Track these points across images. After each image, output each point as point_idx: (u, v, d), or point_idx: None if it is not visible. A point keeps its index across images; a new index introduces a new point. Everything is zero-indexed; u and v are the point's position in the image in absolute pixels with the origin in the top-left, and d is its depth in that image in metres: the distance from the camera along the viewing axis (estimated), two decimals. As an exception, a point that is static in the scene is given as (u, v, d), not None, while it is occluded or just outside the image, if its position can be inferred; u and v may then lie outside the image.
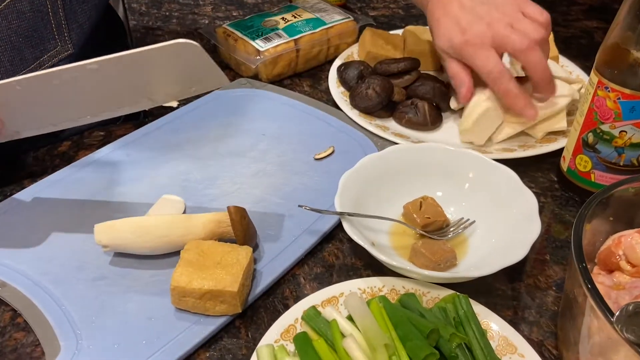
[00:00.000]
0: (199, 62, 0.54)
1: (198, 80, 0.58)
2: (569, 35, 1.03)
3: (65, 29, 0.69)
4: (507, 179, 0.59)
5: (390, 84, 0.77)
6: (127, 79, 0.56)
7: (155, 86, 0.59)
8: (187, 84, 0.59)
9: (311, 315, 0.48)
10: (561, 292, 0.55)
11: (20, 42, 0.65)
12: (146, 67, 0.55)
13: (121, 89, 0.57)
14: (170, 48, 0.52)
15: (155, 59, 0.54)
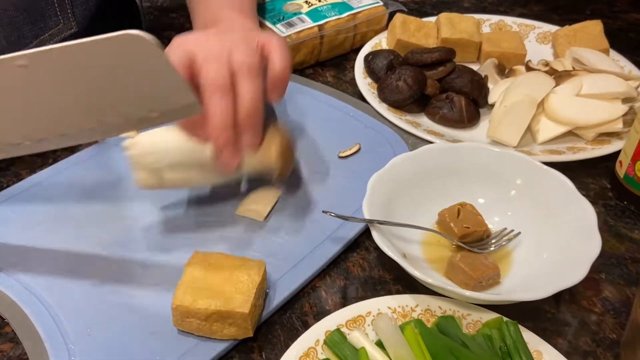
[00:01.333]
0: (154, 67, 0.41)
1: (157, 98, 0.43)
2: (617, 27, 0.95)
3: (68, 5, 0.63)
4: (560, 187, 0.52)
5: (423, 75, 0.70)
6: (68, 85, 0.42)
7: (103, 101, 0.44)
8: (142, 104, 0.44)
9: (335, 340, 0.42)
10: (620, 318, 0.48)
11: (19, 17, 0.59)
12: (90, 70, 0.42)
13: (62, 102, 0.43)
14: (114, 41, 0.40)
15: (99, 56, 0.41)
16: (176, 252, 0.52)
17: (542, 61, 0.74)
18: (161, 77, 0.42)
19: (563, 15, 0.98)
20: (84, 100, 0.43)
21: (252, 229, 0.54)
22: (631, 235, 0.57)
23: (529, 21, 0.88)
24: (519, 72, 0.74)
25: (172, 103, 0.44)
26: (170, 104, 0.44)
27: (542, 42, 0.85)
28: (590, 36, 0.79)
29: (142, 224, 0.54)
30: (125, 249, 0.52)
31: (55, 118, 0.44)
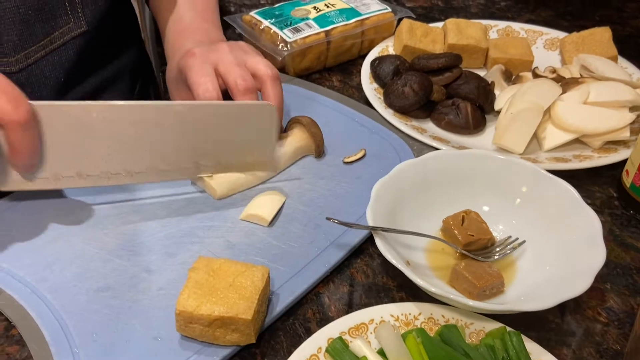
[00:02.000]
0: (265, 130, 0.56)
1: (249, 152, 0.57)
2: (626, 34, 0.94)
3: (79, 4, 0.64)
4: (565, 196, 0.52)
5: (429, 81, 0.70)
6: (201, 131, 0.54)
7: (219, 149, 0.56)
8: (241, 155, 0.57)
9: (337, 348, 0.42)
10: (624, 329, 0.48)
11: (30, 15, 0.60)
12: (222, 123, 0.54)
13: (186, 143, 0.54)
14: (254, 108, 0.55)
15: (235, 115, 0.55)
16: (180, 258, 0.52)
17: (550, 68, 0.74)
18: (262, 137, 0.57)
19: (572, 21, 0.98)
20: (198, 145, 0.55)
21: (256, 235, 0.55)
22: (637, 245, 0.56)
23: (536, 27, 0.88)
24: (525, 79, 0.74)
25: (259, 157, 0.58)
26: (257, 157, 0.58)
27: (550, 48, 0.85)
28: (598, 43, 0.78)
29: (147, 230, 0.55)
30: (130, 254, 0.52)
31: (168, 155, 0.55)
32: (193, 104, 0.53)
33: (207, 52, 0.60)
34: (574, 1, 1.05)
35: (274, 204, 0.57)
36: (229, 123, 0.54)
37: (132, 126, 0.52)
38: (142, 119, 0.52)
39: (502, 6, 1.03)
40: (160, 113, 0.52)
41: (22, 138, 0.47)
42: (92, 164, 0.53)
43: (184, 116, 0.53)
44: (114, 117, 0.51)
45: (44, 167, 0.51)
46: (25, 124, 0.46)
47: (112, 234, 0.54)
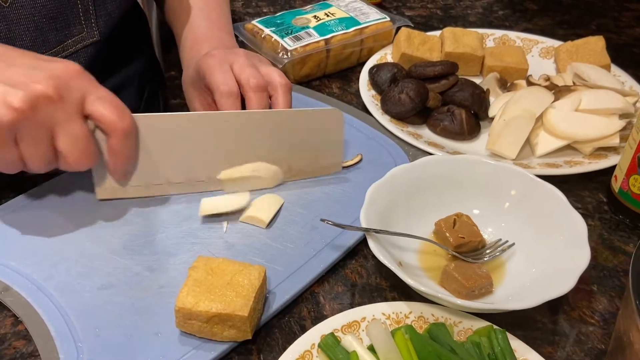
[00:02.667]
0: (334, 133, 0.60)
1: (319, 156, 0.61)
2: (621, 43, 0.96)
3: (92, 15, 0.66)
4: (553, 200, 0.53)
5: (425, 88, 0.72)
6: (276, 138, 0.58)
7: (292, 154, 0.60)
8: (310, 159, 0.61)
9: (329, 343, 0.43)
10: (609, 329, 0.50)
11: (44, 22, 0.62)
12: (296, 129, 0.58)
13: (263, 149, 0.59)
14: (324, 113, 0.59)
15: (307, 121, 0.59)
16: (181, 257, 0.54)
17: (543, 76, 0.76)
18: (331, 141, 0.61)
19: (568, 29, 1.00)
20: (273, 151, 0.59)
21: (254, 236, 0.57)
22: (625, 248, 0.58)
23: (532, 36, 0.89)
24: (520, 87, 0.76)
25: (327, 161, 0.62)
26: (325, 161, 0.62)
27: (545, 57, 0.87)
28: (592, 52, 0.80)
29: (150, 231, 0.57)
30: (133, 253, 0.54)
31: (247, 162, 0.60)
32: (269, 112, 0.58)
33: (225, 54, 0.63)
34: (571, 10, 1.07)
35: (272, 207, 0.59)
36: (301, 129, 0.59)
37: (215, 134, 0.57)
38: (224, 127, 0.57)
39: (500, 15, 1.05)
40: (240, 121, 0.57)
41: (124, 146, 0.52)
42: (180, 172, 0.59)
43: (261, 123, 0.57)
44: (199, 126, 0.56)
45: (137, 175, 0.57)
46: (129, 133, 0.52)
47: (116, 235, 0.56)
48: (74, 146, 0.49)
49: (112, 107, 0.50)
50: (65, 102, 0.48)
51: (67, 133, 0.48)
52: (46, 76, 0.47)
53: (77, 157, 0.50)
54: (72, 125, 0.48)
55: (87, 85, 0.50)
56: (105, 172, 0.56)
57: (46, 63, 0.49)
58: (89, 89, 0.50)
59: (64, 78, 0.48)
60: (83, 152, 0.50)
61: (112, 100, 0.51)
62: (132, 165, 0.56)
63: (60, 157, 0.50)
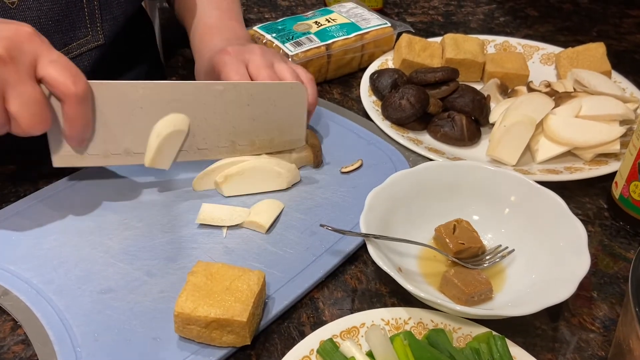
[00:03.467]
0: (297, 108, 0.60)
1: (282, 130, 0.61)
2: (622, 49, 0.96)
3: (98, 18, 0.66)
4: (553, 206, 0.53)
5: (425, 94, 0.73)
6: (238, 111, 0.58)
7: (255, 128, 0.60)
8: (273, 133, 0.61)
9: (328, 349, 0.43)
10: (610, 335, 0.49)
11: (50, 25, 0.62)
12: (258, 102, 0.58)
13: (225, 122, 0.58)
14: (286, 86, 0.59)
15: (270, 94, 0.59)
16: (180, 262, 0.54)
17: (544, 82, 0.76)
18: (294, 116, 0.61)
19: (569, 36, 1.00)
20: (235, 124, 0.59)
21: (254, 241, 0.57)
22: (625, 254, 0.58)
23: (533, 42, 0.90)
24: (520, 93, 0.76)
25: (290, 135, 0.62)
26: (288, 136, 0.62)
27: (546, 63, 0.87)
28: (592, 58, 0.80)
29: (150, 235, 0.57)
30: (132, 258, 0.54)
31: (207, 134, 0.59)
32: (231, 83, 0.57)
33: (242, 51, 0.63)
34: (572, 17, 1.07)
35: (272, 212, 0.59)
36: (263, 102, 0.59)
37: (175, 104, 0.56)
38: (184, 97, 0.56)
39: (501, 21, 1.05)
40: (200, 92, 0.56)
41: (78, 111, 0.51)
42: (139, 141, 0.57)
43: (222, 95, 0.57)
44: (158, 95, 0.55)
45: (95, 144, 0.56)
46: (82, 98, 0.50)
47: (115, 239, 0.56)
48: (25, 109, 0.48)
49: (65, 71, 0.49)
50: (16, 63, 0.47)
51: (19, 95, 0.47)
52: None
53: (30, 121, 0.48)
54: (23, 87, 0.47)
55: (39, 48, 0.48)
56: (61, 139, 0.54)
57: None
58: (41, 52, 0.48)
59: (15, 40, 0.47)
60: (35, 116, 0.48)
61: (65, 64, 0.49)
62: (88, 133, 0.54)
63: (13, 120, 0.48)
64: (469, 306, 0.49)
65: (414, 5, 1.11)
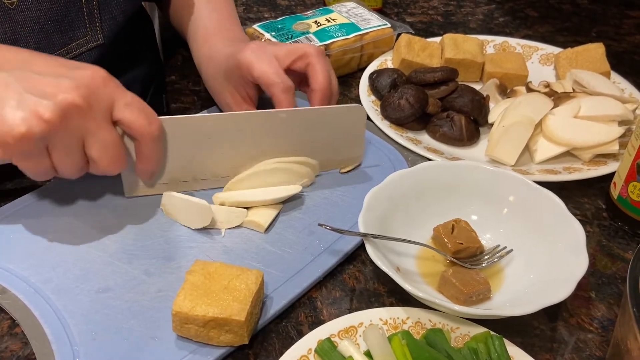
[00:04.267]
0: (356, 129, 0.62)
1: (341, 150, 0.63)
2: (621, 50, 0.96)
3: (97, 18, 0.66)
4: (551, 206, 0.53)
5: (424, 94, 0.73)
6: (300, 134, 0.60)
7: (314, 149, 0.62)
8: (332, 153, 0.63)
9: (325, 349, 0.43)
10: (608, 336, 0.49)
11: (50, 25, 0.62)
12: (319, 126, 0.60)
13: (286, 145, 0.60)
14: (345, 110, 0.60)
15: (330, 117, 0.60)
16: (178, 261, 0.54)
17: (543, 82, 0.76)
18: (353, 135, 0.63)
19: (568, 36, 1.00)
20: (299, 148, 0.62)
21: (252, 240, 0.56)
22: (624, 255, 0.58)
23: (532, 43, 0.90)
24: (519, 93, 0.76)
25: (348, 154, 0.65)
26: (347, 154, 0.64)
27: (545, 63, 0.87)
28: (592, 59, 0.80)
29: (148, 235, 0.57)
30: (131, 257, 0.54)
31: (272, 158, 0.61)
32: (293, 111, 0.60)
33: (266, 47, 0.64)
34: (572, 18, 1.07)
35: (270, 212, 0.59)
36: (324, 126, 0.61)
37: (241, 133, 0.59)
38: (250, 126, 0.58)
39: (501, 22, 1.05)
40: (266, 120, 0.59)
41: (153, 149, 0.53)
42: (205, 169, 0.60)
43: (285, 122, 0.59)
44: (224, 125, 0.58)
45: (164, 174, 0.59)
46: (157, 137, 0.53)
47: (114, 238, 0.56)
48: (105, 153, 0.50)
49: (140, 113, 0.51)
50: (94, 110, 0.48)
51: (98, 141, 0.49)
52: (75, 85, 0.47)
53: (108, 163, 0.51)
54: (102, 132, 0.49)
55: (114, 92, 0.50)
56: (132, 174, 0.57)
57: (72, 71, 0.49)
58: (116, 96, 0.50)
59: (92, 87, 0.48)
60: (113, 158, 0.51)
61: (139, 105, 0.51)
62: (159, 166, 0.57)
63: (92, 163, 0.51)
64: (467, 306, 0.49)
65: (413, 5, 1.11)
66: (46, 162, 0.49)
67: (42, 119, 0.45)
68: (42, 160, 0.48)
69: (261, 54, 0.63)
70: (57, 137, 0.47)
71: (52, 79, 0.47)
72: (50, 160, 0.49)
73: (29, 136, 0.45)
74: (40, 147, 0.47)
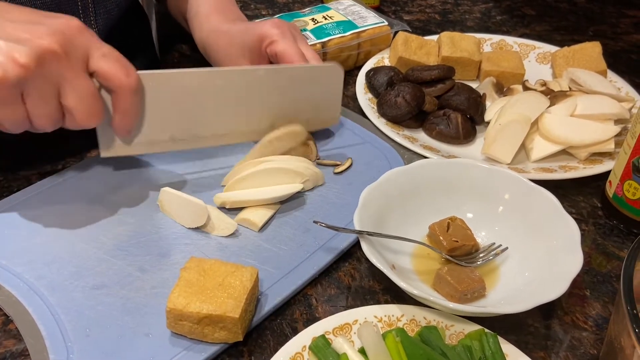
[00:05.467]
0: (333, 88, 0.63)
1: (320, 110, 0.64)
2: (618, 49, 0.96)
3: (92, 12, 0.66)
4: (546, 204, 0.53)
5: (421, 92, 0.72)
6: (279, 94, 0.60)
7: (294, 109, 0.62)
8: (311, 113, 0.63)
9: (320, 345, 0.43)
10: (602, 334, 0.49)
11: None
12: (298, 85, 0.60)
13: (266, 105, 0.60)
14: (322, 69, 0.61)
15: (309, 77, 0.60)
16: (173, 257, 0.54)
17: (540, 81, 0.76)
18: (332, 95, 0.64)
19: (565, 35, 1.00)
20: (276, 106, 0.61)
21: (247, 238, 0.56)
22: (619, 253, 0.58)
23: (529, 41, 0.90)
24: (516, 91, 0.76)
25: (327, 114, 0.65)
26: (325, 114, 0.65)
27: (542, 62, 0.87)
28: (588, 57, 0.80)
29: (143, 231, 0.57)
30: (125, 254, 0.54)
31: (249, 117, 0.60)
32: (273, 68, 0.59)
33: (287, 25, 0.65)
34: (568, 16, 1.07)
35: (267, 211, 0.58)
36: (302, 84, 0.61)
37: (220, 90, 0.57)
38: (228, 83, 0.57)
39: (498, 20, 1.05)
40: (244, 77, 0.58)
41: (131, 103, 0.52)
42: (184, 128, 0.58)
43: (265, 79, 0.59)
44: (203, 82, 0.57)
45: (142, 132, 0.57)
46: (135, 90, 0.51)
47: (108, 235, 0.56)
48: (81, 103, 0.49)
49: (117, 64, 0.50)
50: (70, 57, 0.47)
51: (74, 89, 0.48)
52: (50, 32, 0.46)
53: (85, 114, 0.49)
54: (78, 81, 0.48)
55: (90, 41, 0.49)
56: (109, 130, 0.55)
57: (47, 19, 0.48)
58: (92, 45, 0.49)
59: (67, 34, 0.47)
60: (90, 109, 0.49)
61: (116, 57, 0.50)
62: (136, 122, 0.55)
63: (68, 114, 0.50)
64: (462, 303, 0.49)
65: (410, 3, 1.11)
66: (21, 110, 0.47)
67: (18, 64, 0.44)
68: (16, 108, 0.47)
69: (285, 31, 0.63)
70: (33, 83, 0.46)
71: (25, 25, 0.46)
72: (25, 109, 0.48)
73: (4, 81, 0.44)
74: (15, 94, 0.46)
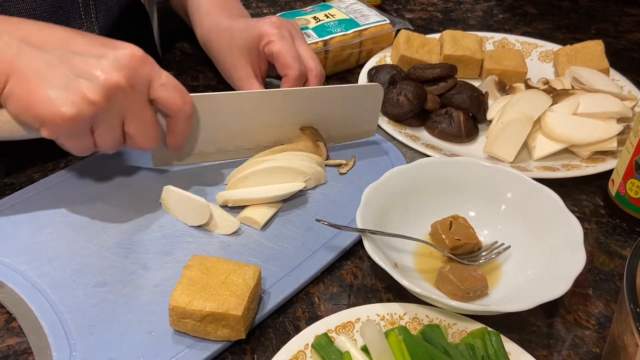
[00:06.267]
0: (373, 106, 0.66)
1: (357, 124, 0.67)
2: (620, 47, 0.96)
3: (93, 9, 0.67)
4: (549, 203, 0.53)
5: (423, 90, 0.72)
6: (322, 111, 0.64)
7: (334, 124, 0.66)
8: (350, 128, 0.67)
9: (322, 344, 0.43)
10: (605, 332, 0.49)
11: (45, 16, 0.62)
12: (341, 102, 0.64)
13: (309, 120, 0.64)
14: (365, 88, 0.64)
15: (352, 95, 0.64)
16: (176, 255, 0.54)
17: (542, 79, 0.76)
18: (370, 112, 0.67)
19: (567, 33, 1.00)
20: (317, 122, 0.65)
21: (250, 236, 0.56)
22: (621, 252, 0.58)
23: (531, 40, 0.89)
24: (518, 90, 0.76)
25: (363, 128, 0.68)
26: (362, 128, 0.68)
27: (544, 60, 0.87)
28: (591, 56, 0.80)
29: (145, 229, 0.57)
30: (128, 252, 0.54)
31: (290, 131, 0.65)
32: (315, 89, 0.64)
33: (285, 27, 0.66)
34: (571, 15, 1.07)
35: (269, 209, 0.58)
36: (343, 102, 0.64)
37: (265, 109, 0.62)
38: (272, 102, 0.62)
39: (500, 19, 1.05)
40: (287, 97, 0.62)
41: (185, 126, 0.56)
42: (230, 142, 0.64)
43: (307, 98, 0.62)
44: (249, 102, 0.61)
45: (193, 146, 0.62)
46: (190, 115, 0.55)
47: (111, 233, 0.56)
48: (142, 130, 0.52)
49: (175, 92, 0.53)
50: (135, 90, 0.50)
51: (137, 119, 0.51)
52: (117, 66, 0.49)
53: (145, 139, 0.53)
54: (141, 112, 0.51)
55: (151, 71, 0.52)
56: (163, 146, 0.58)
57: (112, 50, 0.50)
58: (153, 75, 0.52)
59: (132, 66, 0.50)
60: (150, 135, 0.53)
61: (174, 85, 0.53)
62: (188, 140, 0.59)
63: (129, 139, 0.53)
64: (464, 302, 0.49)
65: (412, 1, 1.11)
66: (89, 140, 0.51)
67: (90, 101, 0.47)
68: (85, 139, 0.51)
69: (283, 31, 0.65)
70: (102, 117, 0.49)
71: (94, 59, 0.48)
72: (93, 138, 0.51)
73: (78, 118, 0.47)
74: (86, 128, 0.49)
